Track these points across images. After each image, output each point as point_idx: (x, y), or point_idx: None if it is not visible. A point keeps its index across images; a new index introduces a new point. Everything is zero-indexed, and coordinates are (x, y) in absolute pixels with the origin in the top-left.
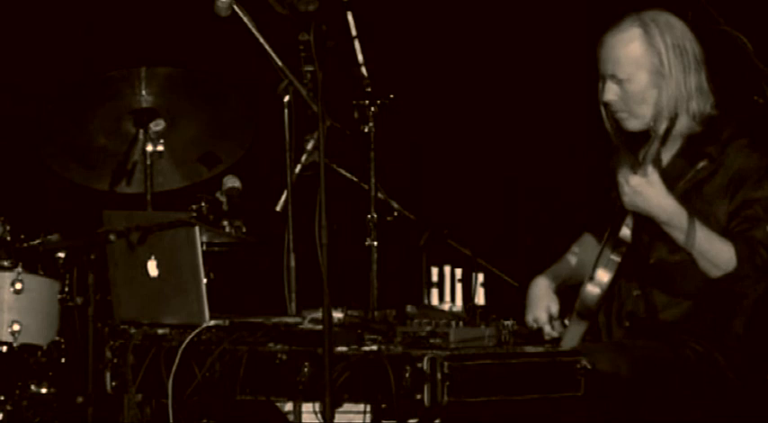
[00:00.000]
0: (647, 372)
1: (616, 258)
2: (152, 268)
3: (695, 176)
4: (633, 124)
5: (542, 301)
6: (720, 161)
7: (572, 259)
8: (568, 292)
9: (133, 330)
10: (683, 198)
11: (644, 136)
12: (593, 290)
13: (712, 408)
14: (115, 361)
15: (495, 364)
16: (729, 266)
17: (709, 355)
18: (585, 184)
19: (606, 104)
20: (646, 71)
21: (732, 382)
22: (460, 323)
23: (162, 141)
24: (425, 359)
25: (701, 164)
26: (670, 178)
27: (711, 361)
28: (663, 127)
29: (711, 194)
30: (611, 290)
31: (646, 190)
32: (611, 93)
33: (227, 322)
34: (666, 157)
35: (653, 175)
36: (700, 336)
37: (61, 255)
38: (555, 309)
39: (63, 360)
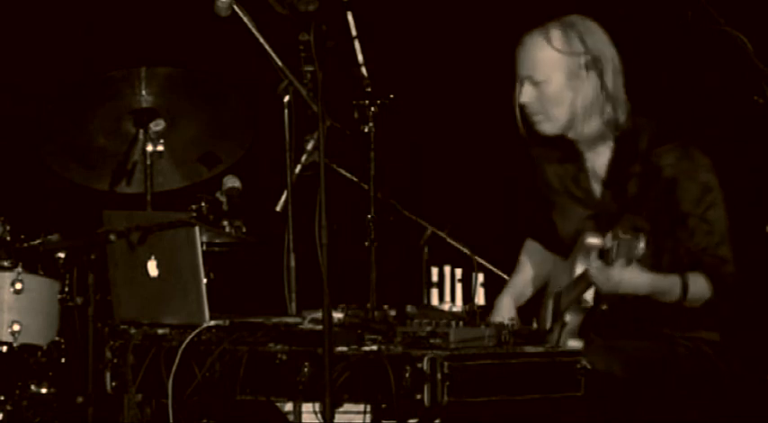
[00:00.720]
0: (641, 371)
1: (587, 305)
2: (152, 268)
3: (634, 189)
4: (548, 128)
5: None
6: (650, 171)
7: (527, 270)
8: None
9: (133, 330)
10: (622, 213)
11: (554, 140)
12: (577, 346)
13: (709, 405)
14: (115, 361)
15: (495, 364)
16: (707, 295)
17: (698, 351)
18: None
19: (522, 106)
20: (563, 73)
21: (726, 377)
22: (460, 323)
23: (162, 141)
24: (425, 359)
25: (634, 180)
26: (608, 198)
27: (702, 356)
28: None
29: (647, 205)
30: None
31: (621, 278)
32: (527, 94)
33: (227, 322)
34: (597, 188)
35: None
36: (684, 329)
37: (61, 255)
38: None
39: (63, 360)
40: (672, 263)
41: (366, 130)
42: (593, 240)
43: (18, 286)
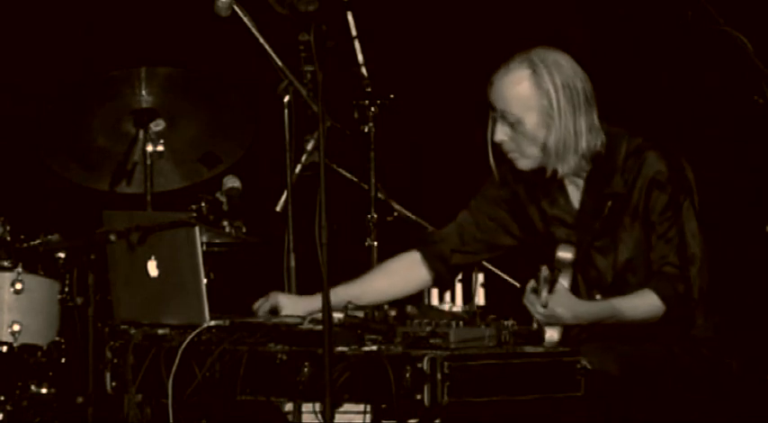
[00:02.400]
0: (636, 370)
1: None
2: (152, 268)
3: (612, 210)
4: (524, 164)
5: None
6: (631, 185)
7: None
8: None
9: (133, 330)
10: (603, 232)
11: (533, 173)
12: (554, 335)
13: (708, 405)
14: (115, 361)
15: (495, 364)
16: (660, 311)
17: (696, 351)
18: None
19: (497, 144)
20: (535, 112)
21: (725, 377)
22: (460, 323)
23: (162, 141)
24: (425, 359)
25: (610, 203)
26: (586, 219)
27: (700, 355)
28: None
29: (630, 219)
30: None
31: (557, 312)
32: (501, 133)
33: (227, 322)
34: (575, 197)
35: (557, 294)
36: (667, 331)
37: (61, 255)
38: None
39: (63, 360)
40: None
41: (366, 130)
42: (565, 254)
43: (18, 286)
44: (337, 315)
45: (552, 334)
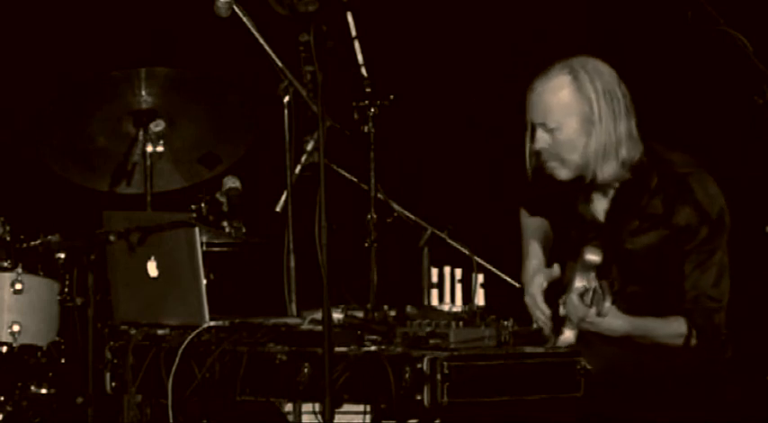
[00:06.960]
0: (613, 371)
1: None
2: (152, 269)
3: (644, 227)
4: (564, 173)
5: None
6: (671, 207)
7: (538, 255)
8: None
9: (133, 331)
10: (628, 244)
11: (571, 183)
12: (570, 337)
13: (709, 405)
14: (115, 361)
15: (495, 364)
16: (689, 340)
17: (696, 349)
18: None
19: (537, 153)
20: (576, 118)
21: (725, 377)
22: (460, 323)
23: (162, 142)
24: (425, 360)
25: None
26: (614, 227)
27: (697, 357)
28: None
29: (660, 237)
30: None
31: (595, 321)
32: (541, 141)
33: (227, 323)
34: (600, 206)
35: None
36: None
37: (61, 255)
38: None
39: (63, 360)
40: (669, 301)
41: (366, 130)
42: (592, 257)
43: (18, 286)
44: (337, 315)
45: (569, 335)
